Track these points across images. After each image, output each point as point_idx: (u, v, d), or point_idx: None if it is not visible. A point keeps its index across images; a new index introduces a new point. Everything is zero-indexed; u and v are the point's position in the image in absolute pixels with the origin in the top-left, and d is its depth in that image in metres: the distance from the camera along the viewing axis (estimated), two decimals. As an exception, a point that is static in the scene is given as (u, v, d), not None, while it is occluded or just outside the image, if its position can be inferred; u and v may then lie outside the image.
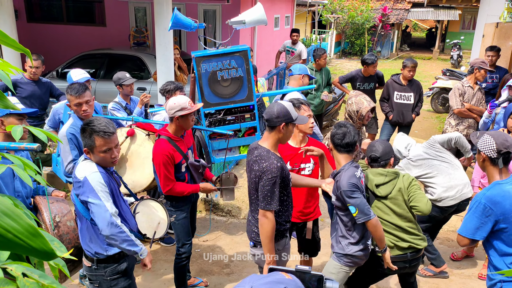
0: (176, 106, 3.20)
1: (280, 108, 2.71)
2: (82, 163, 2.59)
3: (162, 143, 3.30)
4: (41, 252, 0.85)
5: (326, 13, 21.88)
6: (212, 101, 4.14)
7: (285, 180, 2.80)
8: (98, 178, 2.50)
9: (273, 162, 2.69)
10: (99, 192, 2.46)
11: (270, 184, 2.67)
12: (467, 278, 4.23)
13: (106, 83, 7.87)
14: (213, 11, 10.06)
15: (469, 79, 5.55)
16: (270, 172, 2.67)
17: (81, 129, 2.57)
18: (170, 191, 3.32)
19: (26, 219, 0.84)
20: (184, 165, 3.41)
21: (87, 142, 2.53)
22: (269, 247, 2.74)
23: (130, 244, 2.55)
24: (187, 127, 3.38)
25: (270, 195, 2.68)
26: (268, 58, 12.24)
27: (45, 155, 5.70)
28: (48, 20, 10.90)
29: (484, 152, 2.69)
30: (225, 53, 4.07)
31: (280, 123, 2.71)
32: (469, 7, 22.18)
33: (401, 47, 25.16)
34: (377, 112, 6.82)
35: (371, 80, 6.44)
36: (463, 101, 5.49)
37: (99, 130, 2.49)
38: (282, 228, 2.91)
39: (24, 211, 1.18)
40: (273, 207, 2.70)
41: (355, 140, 2.92)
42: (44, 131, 1.35)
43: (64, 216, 2.76)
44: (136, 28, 10.05)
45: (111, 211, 2.48)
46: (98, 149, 2.53)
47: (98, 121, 2.54)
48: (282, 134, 2.76)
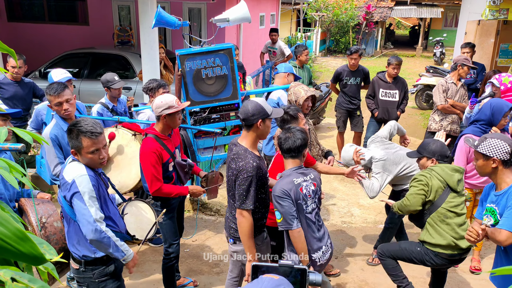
0: (163, 105, 3.18)
1: (254, 105, 2.73)
2: (70, 164, 2.54)
3: (150, 142, 3.26)
4: (30, 257, 0.83)
5: (311, 11, 21.97)
6: (197, 99, 4.11)
7: (262, 179, 2.81)
8: (86, 182, 2.46)
9: (249, 162, 2.70)
10: (85, 196, 2.43)
11: (246, 183, 2.69)
12: (454, 272, 4.30)
13: (90, 83, 7.77)
14: (198, 10, 10.01)
15: (452, 76, 5.64)
16: (246, 171, 2.68)
17: (68, 130, 2.52)
18: (158, 192, 3.28)
19: (14, 223, 0.82)
20: (171, 164, 3.38)
21: (74, 143, 2.48)
22: (248, 244, 2.76)
23: (114, 249, 2.53)
24: (174, 126, 3.35)
25: (246, 194, 2.70)
26: (254, 57, 12.23)
27: (29, 156, 5.61)
28: (30, 19, 10.70)
29: (497, 157, 2.68)
30: (209, 51, 4.05)
31: (257, 120, 2.73)
32: (451, 5, 22.50)
33: (385, 45, 25.42)
34: (363, 110, 6.89)
35: (357, 75, 6.52)
36: (447, 97, 5.58)
37: (86, 131, 2.45)
38: (259, 223, 2.93)
39: (11, 214, 1.15)
40: (249, 206, 2.71)
41: (297, 145, 2.81)
42: (29, 132, 1.32)
43: (50, 217, 2.72)
44: (120, 26, 9.94)
45: (96, 216, 2.45)
46: (86, 150, 2.48)
47: (85, 122, 2.49)
48: (260, 131, 2.78)
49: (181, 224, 3.95)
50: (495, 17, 6.29)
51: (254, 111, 2.72)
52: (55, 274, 1.11)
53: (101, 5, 10.22)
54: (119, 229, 2.71)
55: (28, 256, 0.82)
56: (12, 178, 1.24)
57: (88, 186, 2.45)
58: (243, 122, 2.81)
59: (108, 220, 2.64)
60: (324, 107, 8.64)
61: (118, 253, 2.55)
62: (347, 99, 6.61)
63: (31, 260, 0.83)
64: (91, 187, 2.46)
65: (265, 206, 2.96)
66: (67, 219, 2.57)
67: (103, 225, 2.48)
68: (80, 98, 7.64)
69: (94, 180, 2.51)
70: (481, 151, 2.76)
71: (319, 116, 8.54)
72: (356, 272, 4.36)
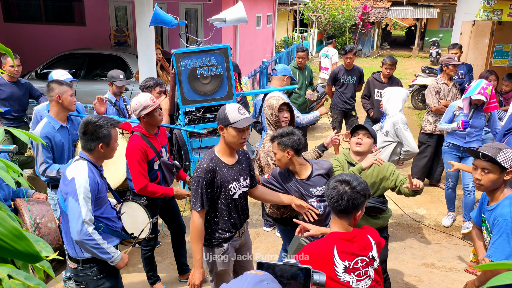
0: (139, 106, 3.24)
1: (222, 110, 2.67)
2: (76, 163, 2.59)
3: (135, 139, 3.30)
4: (26, 255, 0.84)
5: (308, 11, 22.00)
6: (191, 98, 4.11)
7: (216, 186, 2.69)
8: (84, 182, 2.50)
9: (202, 162, 2.68)
10: (80, 195, 2.46)
11: (194, 183, 2.67)
12: (449, 270, 4.33)
13: (87, 84, 7.76)
14: (194, 10, 10.02)
15: (442, 76, 5.72)
16: (196, 171, 2.67)
17: (85, 130, 2.58)
18: (143, 190, 3.29)
19: (10, 222, 0.83)
20: (156, 162, 3.41)
21: (105, 136, 2.58)
22: (194, 248, 2.69)
23: (100, 252, 2.54)
24: (156, 123, 3.37)
25: (194, 195, 2.67)
26: (250, 57, 12.25)
27: (25, 157, 5.60)
28: (26, 20, 10.68)
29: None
30: (205, 50, 4.06)
31: (219, 125, 2.69)
32: (447, 6, 22.61)
33: (381, 45, 25.48)
34: (358, 110, 6.92)
35: (353, 74, 6.60)
36: (440, 98, 5.64)
37: (112, 123, 2.62)
38: (218, 235, 2.80)
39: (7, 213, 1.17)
40: (196, 207, 2.66)
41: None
42: (25, 132, 1.33)
43: (44, 218, 2.73)
44: (117, 27, 9.93)
45: (85, 217, 2.47)
46: (114, 140, 2.65)
47: (98, 117, 2.60)
48: (225, 138, 2.68)
49: (178, 222, 3.96)
50: (489, 17, 6.34)
51: (219, 115, 2.66)
52: (51, 272, 1.13)
53: (98, 6, 10.22)
54: (116, 228, 2.74)
55: (24, 254, 0.84)
56: (9, 178, 1.26)
57: (85, 186, 2.48)
58: None
59: (107, 220, 2.67)
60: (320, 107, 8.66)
61: (104, 255, 2.57)
62: (343, 100, 6.65)
63: (28, 258, 0.85)
64: (88, 187, 2.49)
65: (229, 219, 2.79)
66: (64, 216, 2.59)
67: (90, 227, 2.49)
68: (76, 98, 7.63)
69: (94, 182, 2.54)
70: (502, 162, 2.53)
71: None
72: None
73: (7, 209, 1.23)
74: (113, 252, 2.60)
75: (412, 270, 4.27)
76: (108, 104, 4.70)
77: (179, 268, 4.07)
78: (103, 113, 4.02)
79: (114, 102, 4.79)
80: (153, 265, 3.86)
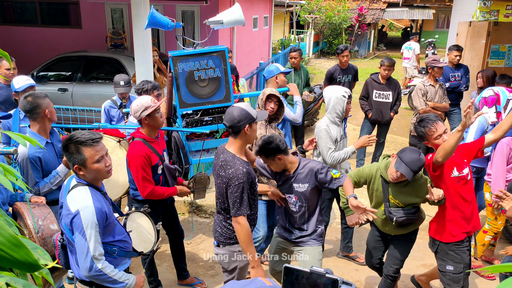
0: (140, 108, 3.19)
1: (239, 111, 2.69)
2: (76, 190, 2.37)
3: (138, 145, 3.24)
4: (25, 264, 0.82)
5: (304, 13, 22.03)
6: (189, 101, 4.10)
7: (253, 185, 2.81)
8: (91, 215, 2.30)
9: (239, 168, 2.69)
10: (87, 230, 2.28)
11: (238, 191, 2.67)
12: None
13: (83, 86, 7.73)
14: (191, 12, 10.01)
15: (428, 78, 5.79)
16: (237, 178, 2.67)
17: (64, 147, 2.34)
18: (150, 194, 3.25)
19: (8, 230, 0.81)
20: (160, 167, 3.37)
21: (76, 157, 2.31)
22: (249, 250, 2.75)
23: (112, 283, 2.42)
24: (158, 125, 3.33)
25: (240, 201, 2.68)
26: (247, 59, 12.25)
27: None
28: (22, 22, 10.64)
29: None
30: (202, 53, 4.04)
31: (244, 126, 2.70)
32: (443, 7, 22.65)
33: (378, 47, 25.56)
34: (356, 111, 6.92)
35: (348, 72, 6.66)
36: (427, 100, 5.70)
37: (86, 139, 2.30)
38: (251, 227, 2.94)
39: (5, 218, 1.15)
40: (244, 212, 2.71)
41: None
42: (23, 136, 1.31)
43: (46, 219, 2.70)
44: (113, 29, 9.90)
45: (94, 253, 2.31)
46: (91, 161, 2.32)
47: (80, 133, 2.35)
48: (248, 136, 2.75)
49: (177, 228, 3.94)
50: (486, 18, 6.35)
51: (240, 117, 2.68)
52: (50, 279, 1.11)
53: (94, 8, 10.18)
54: (130, 247, 2.63)
55: (22, 263, 0.82)
56: (7, 182, 1.24)
57: (93, 219, 2.30)
58: (229, 130, 2.76)
59: (120, 243, 2.55)
60: (317, 109, 8.66)
61: (118, 285, 2.44)
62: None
63: (26, 267, 0.83)
64: (95, 220, 2.31)
65: (256, 212, 2.96)
66: (71, 244, 2.44)
67: (100, 262, 2.34)
68: (73, 102, 7.60)
69: (101, 212, 2.35)
70: None
71: (312, 117, 8.55)
72: (351, 273, 4.37)
73: (4, 214, 1.21)
74: (127, 279, 2.47)
75: (411, 271, 4.26)
76: (113, 107, 4.70)
77: (179, 274, 4.04)
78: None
79: (119, 104, 4.81)
80: (153, 270, 3.83)
